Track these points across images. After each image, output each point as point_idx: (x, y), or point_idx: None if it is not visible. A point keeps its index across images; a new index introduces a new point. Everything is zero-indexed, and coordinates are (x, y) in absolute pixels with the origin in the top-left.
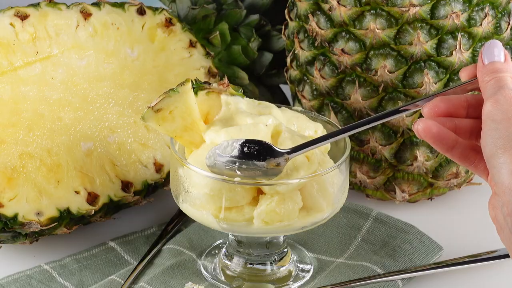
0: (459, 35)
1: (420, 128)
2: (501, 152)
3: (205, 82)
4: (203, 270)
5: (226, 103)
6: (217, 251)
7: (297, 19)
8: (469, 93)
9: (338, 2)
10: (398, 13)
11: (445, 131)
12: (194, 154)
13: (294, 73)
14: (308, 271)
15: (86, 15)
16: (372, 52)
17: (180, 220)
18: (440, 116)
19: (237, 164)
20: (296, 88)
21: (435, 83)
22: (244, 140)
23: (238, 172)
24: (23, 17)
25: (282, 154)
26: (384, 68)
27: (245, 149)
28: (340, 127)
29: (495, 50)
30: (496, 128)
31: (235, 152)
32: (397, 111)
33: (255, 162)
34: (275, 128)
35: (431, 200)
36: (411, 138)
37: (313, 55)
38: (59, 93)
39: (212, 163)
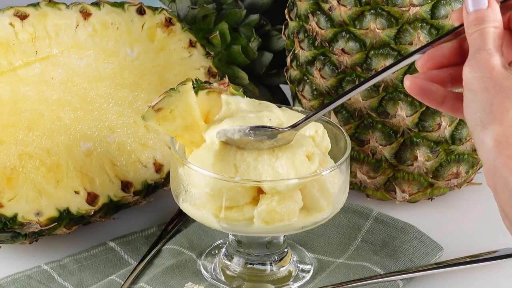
0: None
1: (407, 84)
2: (480, 128)
3: (205, 82)
4: (203, 270)
5: (227, 103)
6: (217, 251)
7: (297, 19)
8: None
9: (338, 1)
10: (398, 12)
11: (433, 87)
12: (195, 153)
13: (294, 73)
14: (308, 272)
15: (85, 15)
16: (372, 52)
17: (180, 220)
18: (434, 68)
19: (250, 131)
20: (296, 88)
21: None
22: (249, 127)
23: (252, 138)
24: (23, 17)
25: (288, 128)
26: None
27: (252, 136)
28: (340, 127)
29: None
30: (473, 100)
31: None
32: (396, 64)
33: (265, 132)
34: (277, 125)
35: (431, 200)
36: (411, 138)
37: (313, 55)
38: (59, 93)
39: (223, 138)
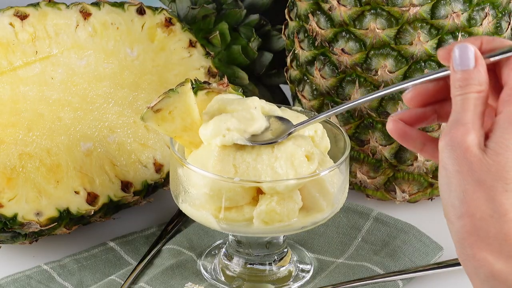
0: (460, 35)
1: (389, 127)
2: (453, 216)
3: (204, 82)
4: (203, 270)
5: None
6: (217, 251)
7: (297, 19)
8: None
9: (338, 1)
10: (398, 12)
11: (413, 133)
12: (194, 154)
13: (294, 73)
14: (308, 271)
15: (85, 15)
16: (372, 52)
17: (180, 220)
18: (419, 106)
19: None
20: (296, 88)
21: None
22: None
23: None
24: (23, 17)
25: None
26: (384, 68)
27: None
28: (340, 127)
29: (468, 53)
30: (448, 183)
31: None
32: (379, 92)
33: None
34: (262, 110)
35: (431, 200)
36: None
37: (313, 55)
38: (59, 93)
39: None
